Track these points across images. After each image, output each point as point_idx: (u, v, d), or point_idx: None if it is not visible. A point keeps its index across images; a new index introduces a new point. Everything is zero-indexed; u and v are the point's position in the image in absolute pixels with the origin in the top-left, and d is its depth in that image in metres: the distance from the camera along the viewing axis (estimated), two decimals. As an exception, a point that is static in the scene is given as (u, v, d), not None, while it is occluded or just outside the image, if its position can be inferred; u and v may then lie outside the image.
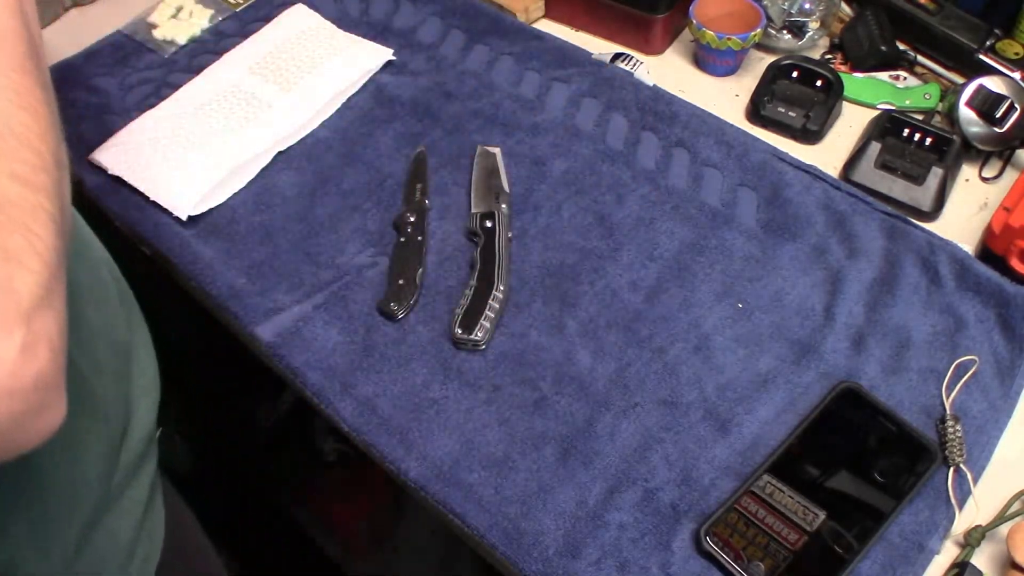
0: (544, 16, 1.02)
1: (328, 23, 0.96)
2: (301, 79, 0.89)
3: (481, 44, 0.95)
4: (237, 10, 1.00)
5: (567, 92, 0.89)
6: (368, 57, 0.92)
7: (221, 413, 1.46)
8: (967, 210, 0.82)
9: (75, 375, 0.49)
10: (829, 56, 0.96)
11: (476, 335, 0.69)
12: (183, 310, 0.94)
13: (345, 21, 0.98)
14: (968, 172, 0.85)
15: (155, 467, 0.66)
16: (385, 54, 0.92)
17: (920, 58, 0.93)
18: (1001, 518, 0.60)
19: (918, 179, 0.80)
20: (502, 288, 0.72)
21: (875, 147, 0.82)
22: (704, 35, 0.90)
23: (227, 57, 0.93)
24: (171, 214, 0.79)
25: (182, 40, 0.97)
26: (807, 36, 0.95)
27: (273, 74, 0.90)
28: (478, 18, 0.98)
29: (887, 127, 0.83)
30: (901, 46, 0.93)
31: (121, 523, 0.59)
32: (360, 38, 0.95)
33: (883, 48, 0.91)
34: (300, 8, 0.98)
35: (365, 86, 0.91)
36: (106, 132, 0.85)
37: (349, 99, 0.90)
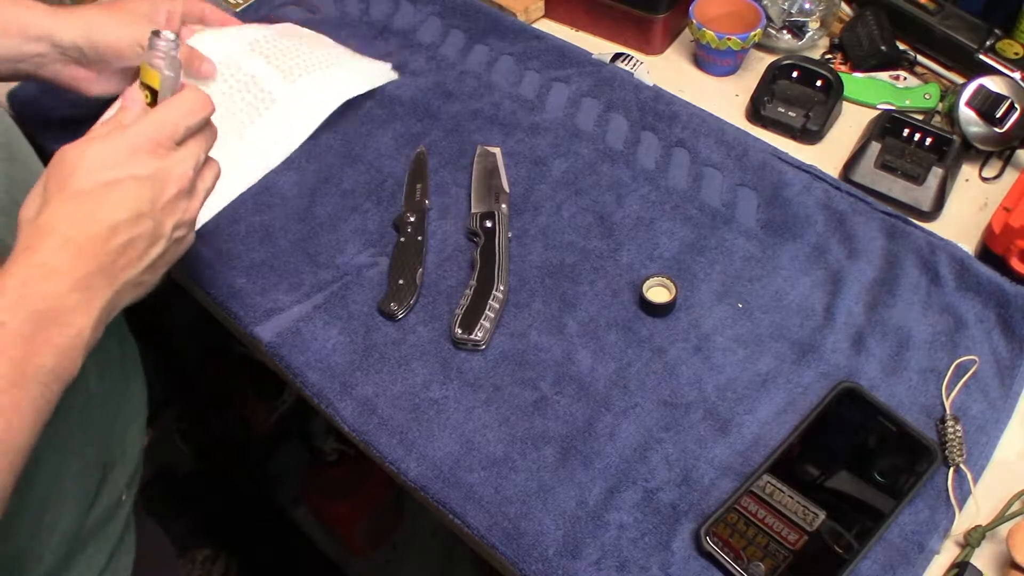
0: (544, 16, 1.02)
1: (327, 39, 0.93)
2: (306, 74, 0.85)
3: (481, 44, 0.95)
4: (237, 10, 1.00)
5: (567, 92, 0.89)
6: (372, 73, 0.90)
7: (221, 413, 1.46)
8: (967, 210, 0.82)
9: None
10: (829, 56, 0.96)
11: (476, 335, 0.69)
12: (183, 310, 0.94)
13: (345, 21, 0.98)
14: (968, 172, 0.85)
15: (118, 530, 0.65)
16: (387, 73, 0.91)
17: (920, 58, 0.93)
18: (1001, 518, 0.60)
19: (918, 179, 0.80)
20: (502, 288, 0.72)
21: (875, 147, 0.82)
22: (704, 35, 0.90)
23: (227, 30, 0.85)
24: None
25: (182, 40, 0.97)
26: (807, 36, 0.95)
27: (275, 57, 0.85)
28: (478, 18, 0.98)
29: (887, 127, 0.83)
30: (901, 46, 0.93)
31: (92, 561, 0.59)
32: (362, 56, 0.92)
33: (883, 48, 0.91)
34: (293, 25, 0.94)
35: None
36: (106, 132, 0.85)
37: (350, 99, 0.90)
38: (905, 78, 0.92)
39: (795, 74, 0.90)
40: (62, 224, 0.49)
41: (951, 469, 0.62)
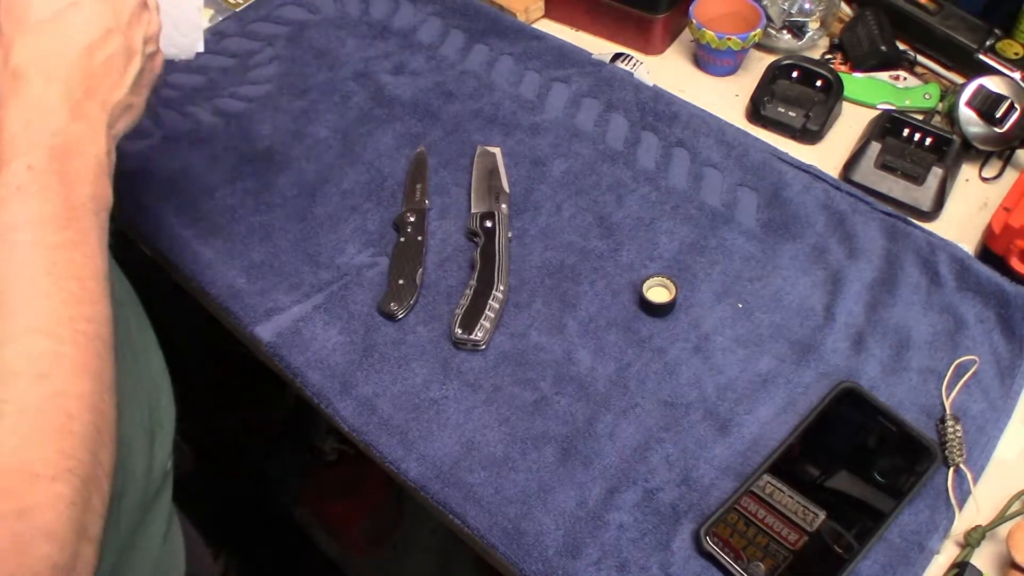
0: (544, 16, 1.02)
1: None
2: None
3: (481, 44, 0.95)
4: (237, 10, 1.00)
5: (567, 92, 0.89)
6: None
7: (221, 413, 1.46)
8: (967, 210, 0.82)
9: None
10: (829, 56, 0.96)
11: (476, 335, 0.69)
12: (183, 310, 0.94)
13: (345, 21, 0.98)
14: (968, 172, 0.85)
15: (170, 499, 0.65)
16: None
17: (920, 58, 0.93)
18: (1001, 518, 0.60)
19: (918, 179, 0.80)
20: (502, 288, 0.72)
21: (875, 147, 0.82)
22: (704, 35, 0.90)
23: None
24: (171, 214, 0.79)
25: (182, 40, 0.96)
26: (807, 36, 0.95)
27: None
28: (478, 18, 0.98)
29: (887, 127, 0.83)
30: (901, 46, 0.93)
31: (143, 560, 0.59)
32: None
33: (883, 48, 0.91)
34: None
35: (365, 85, 0.91)
36: (106, 132, 0.85)
37: (350, 99, 0.90)
38: (905, 78, 0.92)
39: (795, 74, 0.90)
40: (37, 60, 0.47)
41: (951, 469, 0.62)
